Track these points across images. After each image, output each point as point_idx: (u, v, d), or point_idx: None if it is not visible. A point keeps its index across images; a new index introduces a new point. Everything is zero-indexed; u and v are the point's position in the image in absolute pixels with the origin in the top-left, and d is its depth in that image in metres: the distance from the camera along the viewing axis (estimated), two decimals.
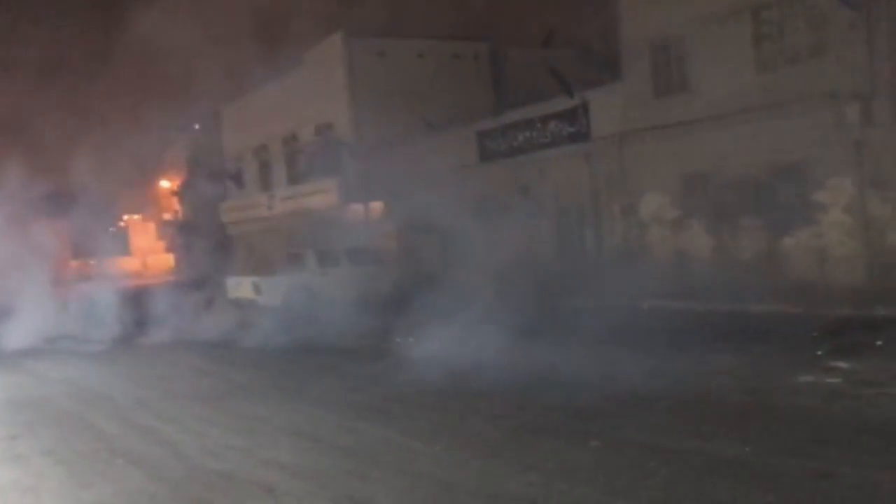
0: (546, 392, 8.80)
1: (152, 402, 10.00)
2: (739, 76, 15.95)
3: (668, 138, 17.51)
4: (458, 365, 10.30)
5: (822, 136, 14.51)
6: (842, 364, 8.99)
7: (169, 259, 66.65)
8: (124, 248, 71.37)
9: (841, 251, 14.52)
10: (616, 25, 19.61)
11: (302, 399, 9.50)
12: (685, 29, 16.92)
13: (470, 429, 7.62)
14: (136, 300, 19.07)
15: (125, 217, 71.18)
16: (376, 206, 27.41)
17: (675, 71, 17.44)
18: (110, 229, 71.93)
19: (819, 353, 9.70)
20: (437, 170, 24.50)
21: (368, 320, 15.44)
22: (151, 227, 68.46)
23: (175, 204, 49.44)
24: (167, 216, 53.53)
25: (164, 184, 51.60)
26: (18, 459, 7.71)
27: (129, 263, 68.26)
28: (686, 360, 9.93)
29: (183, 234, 46.20)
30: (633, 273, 17.54)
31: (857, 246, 14.26)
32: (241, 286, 19.58)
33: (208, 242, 39.19)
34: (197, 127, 44.65)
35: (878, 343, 10.01)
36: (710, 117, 16.47)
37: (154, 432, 8.33)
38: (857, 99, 13.87)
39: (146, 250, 70.08)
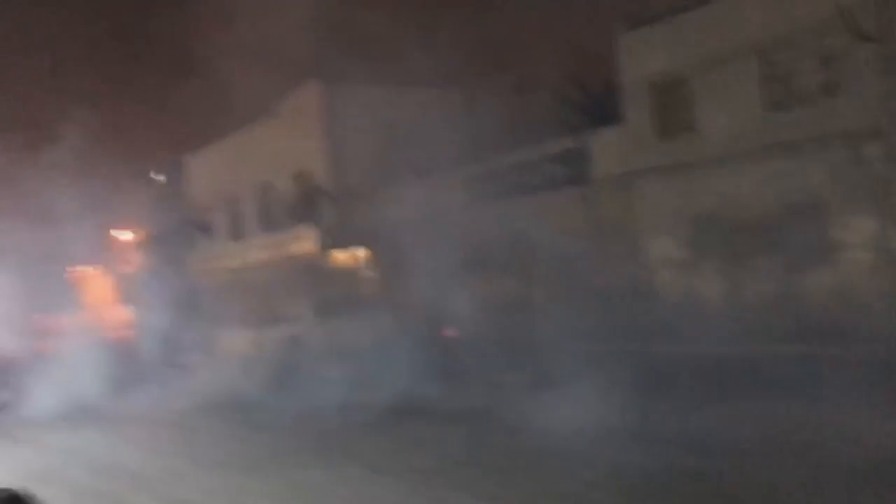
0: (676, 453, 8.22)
1: (186, 473, 9.13)
2: (748, 116, 15.87)
3: (674, 179, 17.33)
4: (533, 423, 9.68)
5: (838, 174, 14.42)
6: None
7: (125, 312, 64.81)
8: (76, 301, 69.34)
9: (863, 289, 14.34)
10: (607, 67, 19.60)
11: (356, 463, 8.75)
12: (689, 70, 16.85)
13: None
14: (123, 357, 18.02)
15: (77, 269, 69.21)
16: (359, 252, 26.77)
17: (681, 111, 17.31)
18: (62, 282, 69.78)
19: None
20: (423, 215, 24.06)
21: (381, 373, 14.72)
22: (105, 279, 66.65)
23: (135, 255, 48.03)
24: (127, 268, 51.98)
25: (123, 235, 50.22)
26: None
27: (84, 317, 66.23)
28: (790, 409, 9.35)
29: (147, 286, 44.76)
30: (640, 318, 17.21)
31: (881, 283, 14.09)
32: (236, 340, 18.66)
33: (175, 294, 37.93)
34: (161, 177, 43.62)
35: None
36: (719, 158, 16.35)
37: None
38: (875, 137, 13.82)
39: (101, 303, 68.12)
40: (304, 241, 28.79)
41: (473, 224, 22.32)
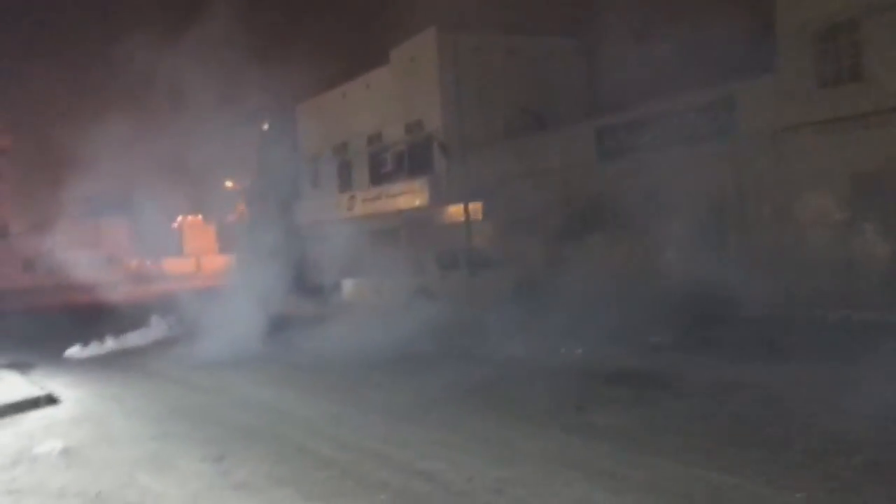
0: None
1: (353, 419, 8.73)
2: None
3: (834, 134, 16.02)
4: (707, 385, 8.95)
5: None
6: None
7: (224, 260, 66.08)
8: (178, 248, 71.13)
9: None
10: (753, 10, 18.28)
11: (526, 417, 8.18)
12: (861, 13, 15.42)
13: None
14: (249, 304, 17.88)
15: (179, 217, 70.84)
16: (474, 206, 26.11)
17: (846, 59, 15.93)
18: (161, 229, 71.75)
19: None
20: (546, 169, 23.22)
21: (501, 326, 14.18)
22: (206, 227, 67.90)
23: (240, 205, 48.59)
24: (231, 217, 52.71)
25: (228, 184, 50.84)
26: (248, 489, 6.46)
27: (183, 264, 67.87)
28: None
29: (250, 234, 45.33)
30: (787, 281, 16.09)
31: None
32: (359, 288, 18.37)
33: (280, 243, 38.15)
34: (266, 126, 43.81)
35: None
36: (891, 110, 14.97)
37: (389, 459, 7.04)
38: None
39: (200, 251, 69.61)
40: (415, 194, 28.34)
41: (603, 179, 21.41)
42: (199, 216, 66.36)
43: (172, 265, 65.12)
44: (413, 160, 29.39)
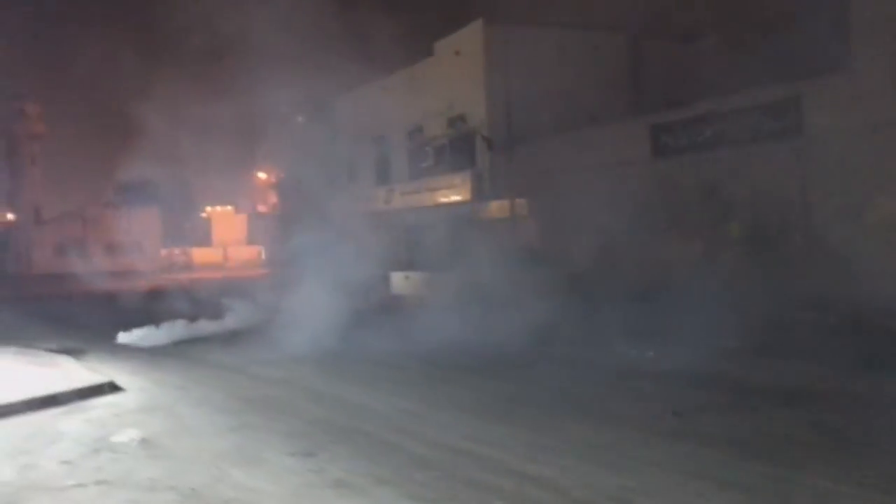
0: None
1: (435, 416, 8.37)
2: None
3: None
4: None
5: None
6: None
7: (251, 251, 66.12)
8: (206, 238, 71.20)
9: None
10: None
11: (622, 422, 7.79)
12: None
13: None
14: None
15: (208, 208, 70.93)
16: (519, 202, 25.67)
17: None
18: (190, 219, 71.93)
19: None
20: (597, 165, 22.75)
21: (562, 326, 13.83)
22: (236, 217, 67.90)
23: (271, 196, 48.45)
24: (262, 208, 52.64)
25: (261, 175, 50.68)
26: (348, 488, 6.11)
27: (211, 254, 67.96)
28: None
29: (282, 226, 45.21)
30: (856, 282, 15.58)
31: None
32: (409, 282, 18.01)
33: (312, 236, 37.98)
34: (301, 119, 43.62)
35: None
36: None
37: (489, 460, 6.67)
38: None
39: (228, 241, 69.64)
40: (457, 188, 27.95)
41: (657, 176, 20.92)
42: (230, 207, 66.39)
43: (200, 255, 65.28)
44: (455, 154, 28.97)
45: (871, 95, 16.19)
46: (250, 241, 67.85)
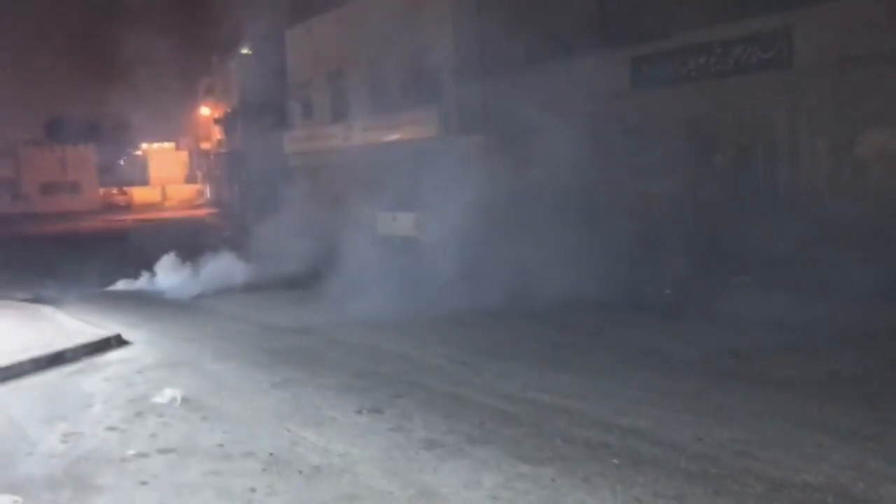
0: None
1: (476, 363, 8.03)
2: None
3: None
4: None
5: None
6: None
7: (192, 190, 64.11)
8: (143, 177, 68.74)
9: None
10: None
11: (685, 368, 7.58)
12: None
13: None
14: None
15: (144, 145, 68.33)
16: (487, 139, 25.15)
17: None
18: (125, 157, 69.16)
19: None
20: (574, 98, 22.31)
21: (564, 263, 13.52)
22: (176, 155, 65.54)
23: (217, 133, 46.76)
24: (206, 145, 50.82)
25: (204, 110, 48.78)
26: (443, 448, 5.70)
27: (149, 193, 65.73)
28: None
29: (229, 164, 43.80)
30: (844, 218, 15.67)
31: None
32: (397, 222, 17.47)
33: (262, 174, 36.96)
34: (246, 51, 41.92)
35: None
36: None
37: (575, 413, 6.35)
38: None
39: (166, 180, 67.37)
40: (423, 124, 27.24)
41: (639, 109, 20.60)
42: (170, 144, 64.07)
43: (138, 194, 63.11)
44: (420, 88, 28.13)
45: (864, 27, 16.02)
46: (190, 179, 65.79)
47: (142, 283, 15.15)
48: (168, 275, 15.10)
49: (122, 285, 15.20)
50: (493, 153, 24.11)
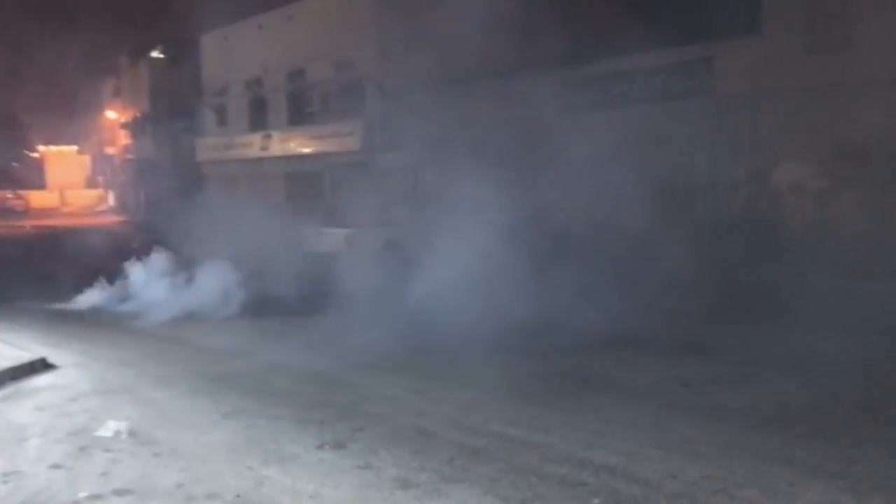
0: None
1: (434, 392, 7.90)
2: None
3: (817, 101, 16.17)
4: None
5: None
6: None
7: (93, 195, 61.49)
8: (39, 180, 65.50)
9: None
10: None
11: (638, 398, 7.64)
12: None
13: None
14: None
15: (41, 147, 65.18)
16: (410, 154, 25.09)
17: (836, 27, 16.03)
18: (20, 159, 65.92)
19: None
20: (502, 118, 22.53)
21: (502, 286, 13.56)
22: (76, 158, 62.71)
23: (123, 137, 45.03)
24: (111, 150, 48.83)
25: (110, 114, 46.93)
26: (418, 489, 5.56)
27: (47, 198, 62.67)
28: None
29: (137, 171, 42.28)
30: (761, 246, 16.31)
31: None
32: (328, 239, 17.16)
33: (172, 182, 35.71)
34: (158, 54, 40.67)
35: None
36: (881, 82, 15.21)
37: (540, 447, 6.32)
38: None
39: (65, 184, 64.39)
40: (345, 137, 26.98)
41: (566, 132, 20.93)
42: (72, 147, 61.33)
43: (35, 199, 60.14)
44: (342, 101, 27.87)
45: (781, 61, 16.80)
46: (91, 184, 63.24)
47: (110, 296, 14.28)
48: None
49: (88, 299, 14.27)
50: (418, 169, 24.09)
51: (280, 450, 6.39)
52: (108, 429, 6.87)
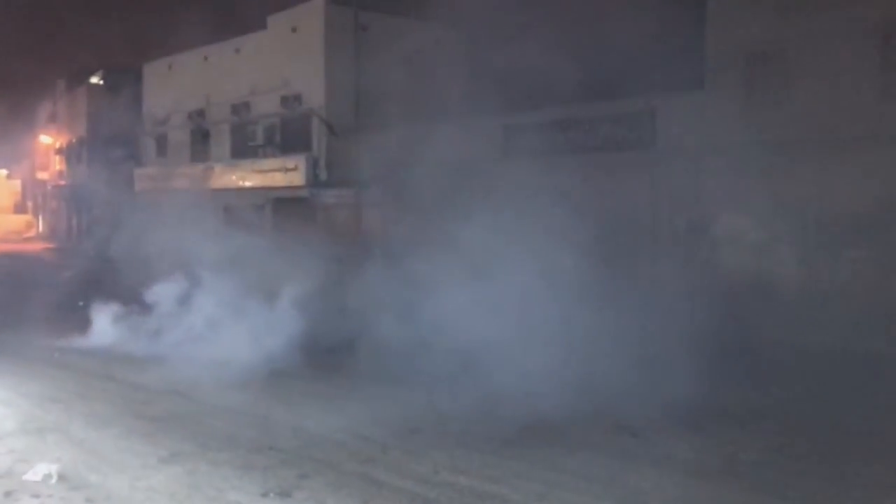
0: None
1: (391, 440, 7.70)
2: (859, 101, 15.28)
3: (757, 158, 16.63)
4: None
5: None
6: None
7: (20, 220, 59.63)
8: None
9: None
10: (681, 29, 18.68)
11: (586, 446, 7.56)
12: (793, 42, 16.09)
13: None
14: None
15: None
16: (353, 192, 24.98)
17: (776, 85, 16.58)
18: None
19: None
20: (445, 160, 22.62)
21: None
22: (5, 183, 60.80)
23: (57, 162, 43.80)
24: (43, 175, 47.41)
25: (44, 139, 45.66)
26: None
27: None
28: None
29: (71, 197, 41.17)
30: (699, 297, 16.62)
31: None
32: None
33: (106, 210, 34.84)
34: (97, 80, 39.95)
35: None
36: (818, 141, 15.75)
37: (492, 498, 6.20)
38: None
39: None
40: (289, 173, 26.76)
41: (507, 177, 21.10)
42: (3, 171, 59.46)
43: None
44: (288, 136, 27.69)
45: (722, 117, 17.27)
46: (19, 209, 61.41)
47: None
48: None
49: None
50: (363, 207, 24.01)
51: (222, 497, 6.16)
52: (36, 472, 6.50)
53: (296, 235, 22.61)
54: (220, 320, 13.83)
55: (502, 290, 17.72)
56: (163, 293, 14.44)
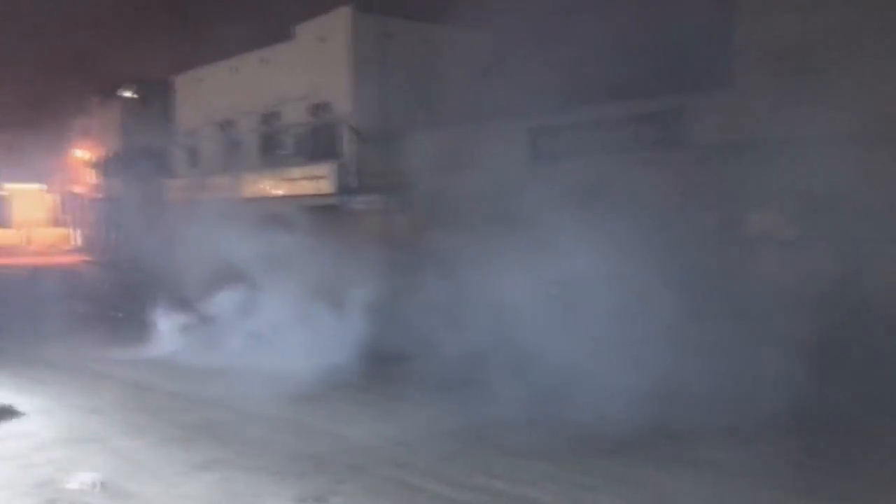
0: None
1: (425, 445, 7.71)
2: (892, 95, 15.04)
3: (790, 153, 16.45)
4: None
5: None
6: None
7: (58, 233, 60.71)
8: (5, 219, 64.58)
9: None
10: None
11: (608, 444, 7.50)
12: (824, 37, 15.88)
13: None
14: None
15: (6, 185, 64.34)
16: (383, 200, 25.06)
17: (807, 81, 16.38)
18: None
19: None
20: (474, 164, 22.64)
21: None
22: (43, 197, 61.91)
23: (92, 176, 44.49)
24: (78, 189, 48.22)
25: (78, 153, 46.46)
26: None
27: (12, 236, 61.73)
28: None
29: (107, 210, 41.79)
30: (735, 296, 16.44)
31: None
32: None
33: (142, 221, 35.32)
34: (130, 94, 40.53)
35: None
36: (849, 135, 15.53)
37: (528, 502, 6.18)
38: None
39: (31, 223, 63.46)
40: (319, 180, 26.93)
41: (535, 180, 21.05)
42: (40, 185, 60.57)
43: (1, 237, 59.38)
44: (317, 144, 27.87)
45: (752, 114, 17.09)
46: (57, 223, 62.54)
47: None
48: None
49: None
50: (391, 214, 24.07)
51: (258, 502, 6.20)
52: (77, 481, 6.62)
53: (341, 243, 22.75)
54: (277, 331, 13.92)
55: (554, 295, 17.69)
56: (217, 303, 14.57)
